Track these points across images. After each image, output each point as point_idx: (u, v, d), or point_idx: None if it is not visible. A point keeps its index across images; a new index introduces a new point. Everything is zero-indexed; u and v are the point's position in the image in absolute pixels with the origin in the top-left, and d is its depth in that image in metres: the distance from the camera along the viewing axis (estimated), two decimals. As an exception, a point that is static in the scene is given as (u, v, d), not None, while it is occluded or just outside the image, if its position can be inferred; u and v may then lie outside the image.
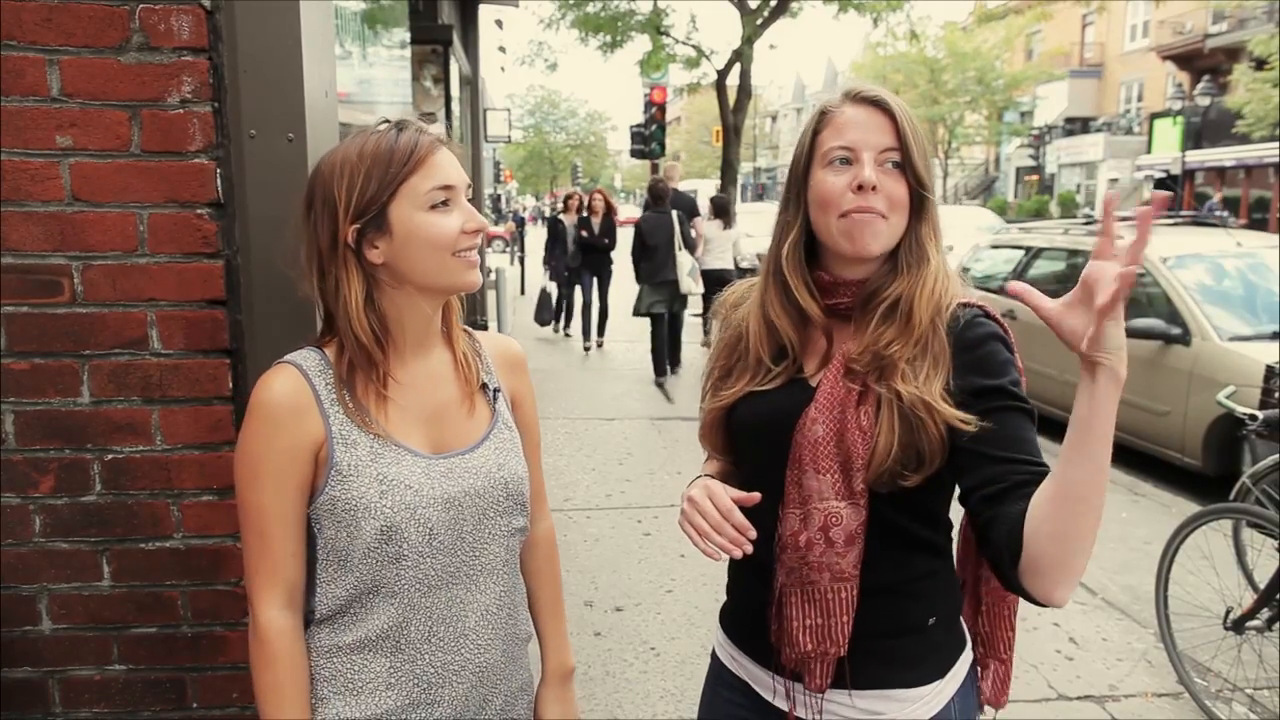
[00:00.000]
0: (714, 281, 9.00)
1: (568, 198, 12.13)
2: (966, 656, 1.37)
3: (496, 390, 1.36)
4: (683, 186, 11.99)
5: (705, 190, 16.02)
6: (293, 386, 1.20)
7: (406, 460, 1.22)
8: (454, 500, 1.24)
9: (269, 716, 1.21)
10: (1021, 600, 1.23)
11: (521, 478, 1.32)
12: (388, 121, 1.24)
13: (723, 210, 9.66)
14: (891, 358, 1.22)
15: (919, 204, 1.26)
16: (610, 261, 10.83)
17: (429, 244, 1.20)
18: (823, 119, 1.27)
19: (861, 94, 1.25)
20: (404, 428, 1.25)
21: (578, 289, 11.05)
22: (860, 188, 1.22)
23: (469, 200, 1.26)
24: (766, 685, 1.37)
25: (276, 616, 1.21)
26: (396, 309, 1.24)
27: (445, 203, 1.21)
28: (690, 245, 8.80)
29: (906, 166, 1.23)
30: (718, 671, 1.47)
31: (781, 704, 1.34)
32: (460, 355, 1.32)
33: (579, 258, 10.67)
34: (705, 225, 9.52)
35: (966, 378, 1.21)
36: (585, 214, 10.69)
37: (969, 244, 9.16)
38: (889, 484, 1.22)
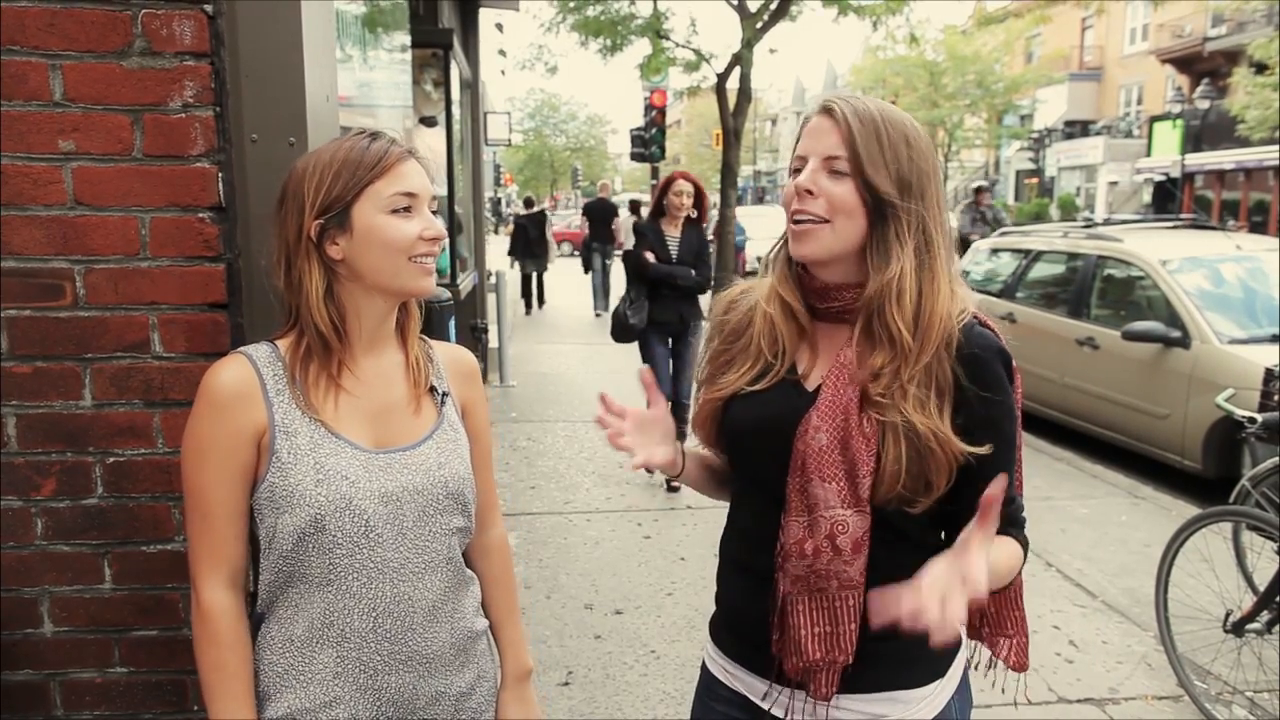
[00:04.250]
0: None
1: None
2: (963, 654, 1.38)
3: (445, 394, 1.39)
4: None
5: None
6: (239, 374, 1.25)
7: (346, 452, 1.26)
8: (392, 495, 1.27)
9: (212, 694, 1.25)
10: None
11: (463, 478, 1.35)
12: (363, 131, 1.30)
13: (635, 209, 14.35)
14: (893, 379, 1.23)
15: (881, 214, 1.22)
16: (701, 313, 5.66)
17: (386, 245, 1.25)
18: (801, 129, 1.32)
19: (825, 102, 1.27)
20: (348, 422, 1.28)
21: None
22: (799, 193, 1.25)
23: (433, 211, 1.31)
24: (765, 695, 1.36)
25: (220, 596, 1.25)
26: (354, 304, 1.29)
27: (407, 209, 1.27)
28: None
29: (854, 173, 1.22)
30: (709, 684, 1.46)
31: (780, 712, 1.33)
32: (413, 358, 1.37)
33: (643, 304, 5.46)
34: (624, 220, 13.76)
35: (975, 409, 1.23)
36: (651, 219, 5.63)
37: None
38: (896, 509, 1.23)
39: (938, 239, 1.25)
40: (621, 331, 5.50)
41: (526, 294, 14.32)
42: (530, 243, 14.18)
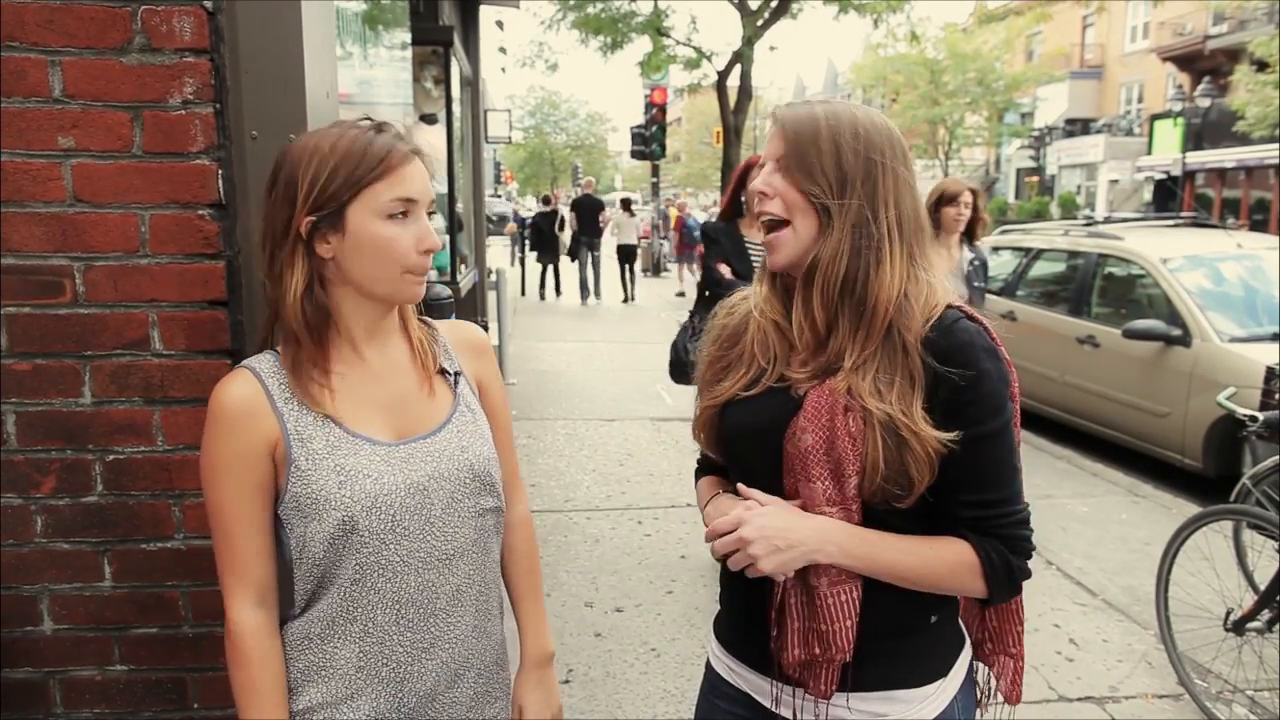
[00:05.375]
0: (625, 253, 15.78)
1: None
2: (966, 654, 1.38)
3: (458, 374, 1.37)
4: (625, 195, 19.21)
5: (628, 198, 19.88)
6: (245, 390, 1.22)
7: (365, 450, 1.24)
8: (419, 486, 1.26)
9: (246, 711, 1.24)
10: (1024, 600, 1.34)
11: (487, 458, 1.33)
12: (369, 120, 1.25)
13: (627, 206, 16.57)
14: (858, 378, 1.23)
15: (823, 206, 1.25)
16: None
17: (380, 255, 1.21)
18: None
19: (772, 110, 1.32)
20: (363, 417, 1.26)
21: None
22: (759, 196, 1.28)
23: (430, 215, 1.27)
24: (768, 694, 1.36)
25: (248, 615, 1.24)
26: (346, 303, 1.26)
27: (404, 214, 1.22)
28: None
29: (790, 172, 1.26)
30: (714, 682, 1.46)
31: (785, 712, 1.33)
32: (416, 343, 1.34)
33: None
34: (615, 214, 16.23)
35: (949, 400, 1.21)
36: (726, 221, 4.01)
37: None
38: (883, 503, 1.23)
39: (889, 228, 1.25)
40: (681, 371, 4.15)
41: (543, 283, 16.17)
42: (545, 238, 16.05)
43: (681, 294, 16.48)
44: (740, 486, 1.31)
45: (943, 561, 1.25)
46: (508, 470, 1.42)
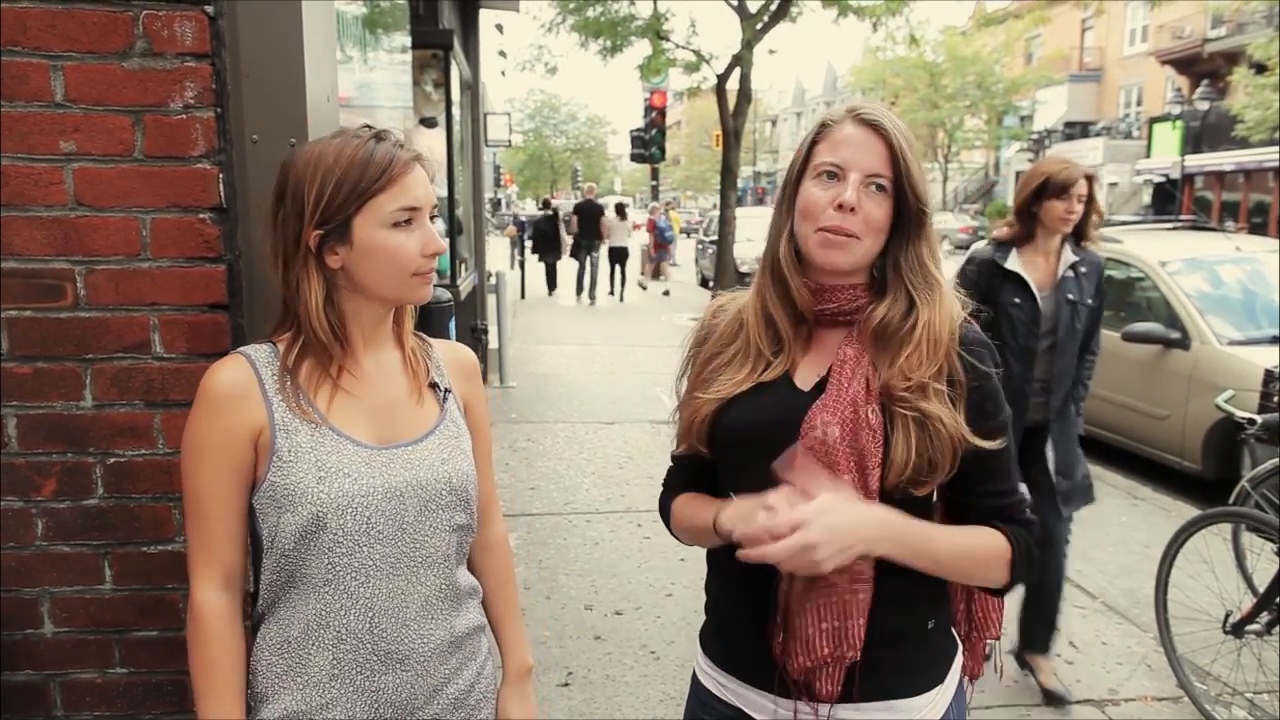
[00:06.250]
0: (616, 254, 16.45)
1: None
2: (959, 659, 1.38)
3: (447, 391, 1.39)
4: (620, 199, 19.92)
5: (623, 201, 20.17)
6: (237, 375, 1.25)
7: (348, 450, 1.25)
8: (395, 491, 1.27)
9: (201, 694, 1.25)
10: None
11: (466, 474, 1.34)
12: (369, 128, 1.27)
13: (620, 210, 16.85)
14: (926, 383, 1.25)
15: (917, 224, 1.27)
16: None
17: (388, 262, 1.24)
18: (822, 131, 1.30)
19: (861, 114, 1.27)
20: (349, 419, 1.28)
21: None
22: (840, 207, 1.24)
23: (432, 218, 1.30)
24: (764, 709, 1.34)
25: (212, 596, 1.25)
26: (353, 308, 1.29)
27: (409, 221, 1.25)
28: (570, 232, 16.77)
29: (907, 189, 1.25)
30: (702, 698, 1.44)
31: None
32: (409, 353, 1.36)
33: None
34: (610, 218, 16.35)
35: (969, 397, 1.26)
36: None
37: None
38: (902, 493, 1.23)
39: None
40: None
41: (550, 279, 17.27)
42: (547, 239, 17.00)
43: (666, 292, 17.02)
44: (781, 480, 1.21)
45: (986, 550, 1.26)
46: (485, 491, 1.44)
